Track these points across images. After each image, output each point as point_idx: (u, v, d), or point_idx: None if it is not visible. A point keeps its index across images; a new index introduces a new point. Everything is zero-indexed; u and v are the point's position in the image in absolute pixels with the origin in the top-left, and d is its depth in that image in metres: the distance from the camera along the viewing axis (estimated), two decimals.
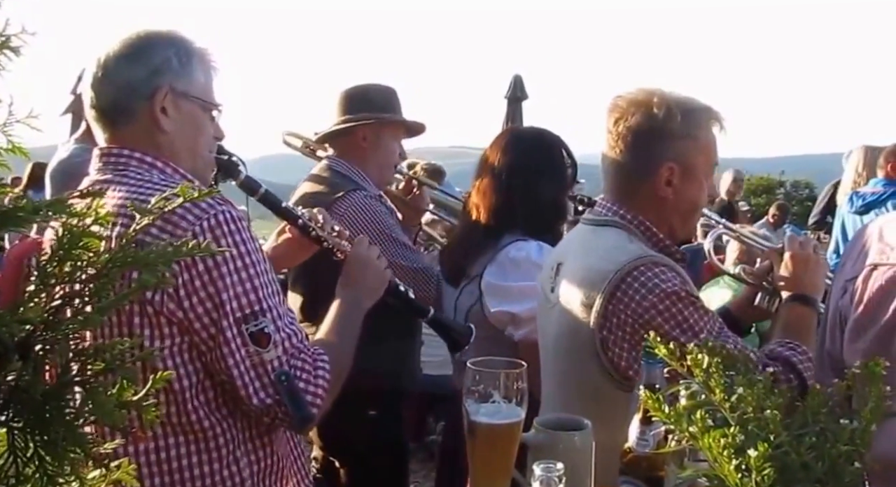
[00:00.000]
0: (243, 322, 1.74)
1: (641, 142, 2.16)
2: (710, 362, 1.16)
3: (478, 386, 1.64)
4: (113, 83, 1.87)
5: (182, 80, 1.90)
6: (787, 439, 1.08)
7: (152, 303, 1.70)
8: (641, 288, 2.04)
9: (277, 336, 1.77)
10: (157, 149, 1.88)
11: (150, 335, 1.71)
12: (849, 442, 1.09)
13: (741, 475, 1.08)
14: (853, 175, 6.71)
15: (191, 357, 1.76)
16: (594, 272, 2.14)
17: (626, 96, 2.20)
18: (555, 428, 1.72)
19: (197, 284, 1.71)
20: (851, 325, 1.77)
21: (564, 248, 2.42)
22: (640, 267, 2.06)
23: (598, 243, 2.21)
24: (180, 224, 1.70)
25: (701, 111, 2.19)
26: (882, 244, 1.77)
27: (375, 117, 3.31)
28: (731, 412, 1.13)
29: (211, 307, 1.72)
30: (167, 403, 1.74)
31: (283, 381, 1.76)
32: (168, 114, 1.88)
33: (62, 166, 3.22)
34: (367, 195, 3.20)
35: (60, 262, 0.92)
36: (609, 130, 2.20)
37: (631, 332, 2.05)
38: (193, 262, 1.70)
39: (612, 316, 2.07)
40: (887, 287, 1.72)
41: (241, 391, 1.75)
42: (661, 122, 2.13)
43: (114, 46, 1.89)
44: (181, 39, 1.93)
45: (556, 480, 1.34)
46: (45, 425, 0.88)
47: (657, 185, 2.17)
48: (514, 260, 2.80)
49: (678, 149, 2.16)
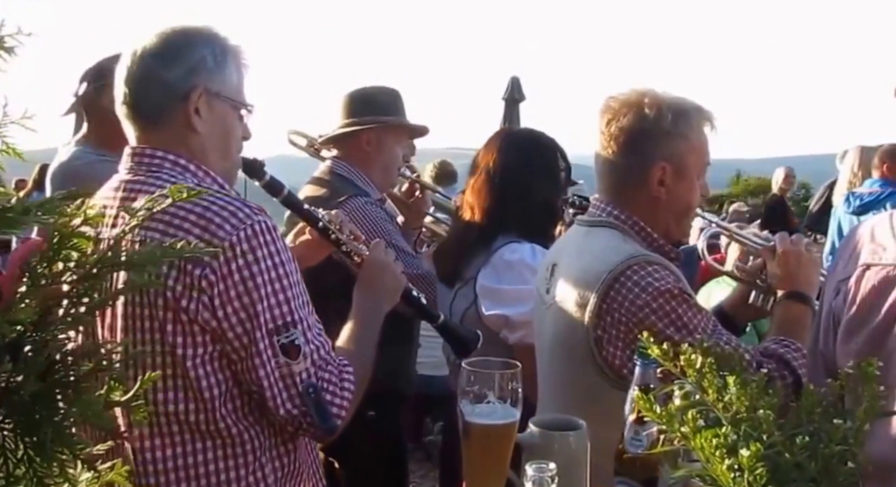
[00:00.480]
0: (275, 333, 1.74)
1: (634, 142, 2.17)
2: (703, 362, 1.16)
3: (472, 387, 1.64)
4: (147, 81, 1.85)
5: (216, 79, 1.88)
6: (780, 439, 1.08)
7: (187, 312, 1.69)
8: (635, 287, 2.05)
9: (307, 348, 1.78)
10: (188, 149, 1.87)
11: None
12: (842, 442, 1.08)
13: (734, 474, 1.08)
14: (849, 175, 6.77)
15: (221, 365, 1.75)
16: (588, 272, 2.14)
17: (617, 97, 2.22)
18: (550, 429, 1.72)
19: (232, 294, 1.70)
20: (844, 326, 1.77)
21: (559, 249, 2.42)
22: (633, 267, 2.08)
23: (592, 244, 2.22)
24: (218, 233, 1.70)
25: (692, 111, 2.20)
26: (874, 244, 1.76)
27: (379, 121, 3.32)
28: (723, 412, 1.13)
29: (245, 317, 1.72)
30: (197, 411, 1.75)
31: (310, 393, 1.77)
32: (201, 114, 1.86)
33: (62, 168, 3.22)
34: (368, 201, 3.19)
35: (51, 263, 0.92)
36: (601, 131, 2.22)
37: (625, 331, 2.05)
38: (230, 272, 1.69)
39: (606, 315, 2.08)
40: (880, 287, 1.71)
41: (270, 401, 1.76)
42: (652, 123, 2.15)
43: (149, 42, 1.86)
44: (217, 37, 1.91)
45: (548, 480, 1.34)
46: (34, 426, 0.87)
47: (650, 185, 2.19)
48: (507, 263, 2.80)
49: (670, 149, 2.18)
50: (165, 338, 1.71)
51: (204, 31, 1.91)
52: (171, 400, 1.73)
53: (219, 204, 1.73)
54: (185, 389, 1.74)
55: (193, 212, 1.71)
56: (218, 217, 1.71)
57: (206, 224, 1.70)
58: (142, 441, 1.74)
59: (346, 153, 3.38)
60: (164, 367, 1.72)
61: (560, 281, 2.25)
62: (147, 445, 1.75)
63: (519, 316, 2.74)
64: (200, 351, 1.73)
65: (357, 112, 3.35)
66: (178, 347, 1.71)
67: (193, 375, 1.73)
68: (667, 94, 2.21)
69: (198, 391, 1.74)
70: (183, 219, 1.70)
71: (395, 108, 3.39)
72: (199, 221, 1.70)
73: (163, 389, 1.73)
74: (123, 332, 1.73)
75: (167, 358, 1.72)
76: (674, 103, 2.18)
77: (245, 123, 1.98)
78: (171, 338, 1.71)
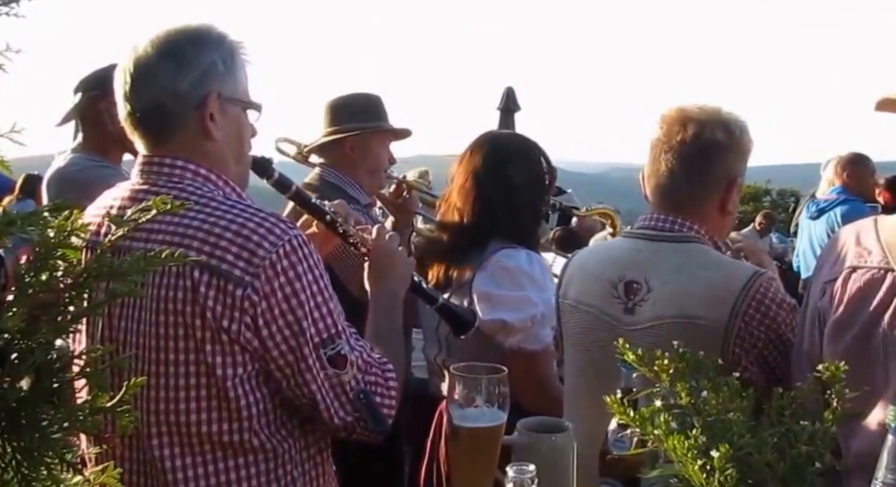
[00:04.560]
0: (321, 347, 1.72)
1: (718, 158, 2.20)
2: (676, 367, 1.19)
3: (461, 392, 1.67)
4: (155, 91, 1.78)
5: (228, 83, 1.82)
6: (750, 440, 1.11)
7: (228, 332, 1.66)
8: (772, 304, 2.07)
9: (352, 356, 1.77)
10: (204, 156, 1.81)
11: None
12: (810, 443, 1.11)
13: (706, 475, 1.11)
14: (826, 184, 7.03)
15: (258, 382, 1.73)
16: (714, 290, 2.11)
17: (688, 113, 2.21)
18: (537, 431, 1.75)
19: (276, 313, 1.67)
20: (831, 326, 1.80)
21: (630, 267, 2.27)
22: (763, 284, 2.09)
23: (696, 260, 2.18)
24: (257, 252, 1.66)
25: (748, 127, 2.26)
26: (860, 248, 1.80)
27: (360, 128, 3.38)
28: (696, 415, 1.16)
29: (290, 334, 1.69)
30: (231, 430, 1.73)
31: (361, 399, 1.76)
32: (216, 121, 1.80)
33: (58, 175, 3.26)
34: (355, 207, 3.23)
35: (37, 273, 0.95)
36: (672, 146, 2.20)
37: (762, 347, 2.07)
38: (272, 291, 1.66)
39: (745, 333, 2.06)
40: (865, 288, 1.75)
41: (324, 413, 1.75)
42: (736, 140, 2.20)
43: (153, 48, 1.78)
44: (223, 38, 1.84)
45: (528, 481, 1.36)
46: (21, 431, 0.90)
47: (727, 201, 2.23)
48: (505, 269, 2.79)
49: (743, 165, 2.25)
50: (204, 358, 1.67)
51: (210, 33, 1.84)
52: (206, 421, 1.71)
53: (254, 221, 1.70)
54: (222, 409, 1.71)
55: (229, 229, 1.68)
56: (255, 235, 1.67)
57: (243, 242, 1.66)
58: (173, 461, 1.72)
59: (332, 160, 3.44)
60: (201, 388, 1.69)
61: (663, 300, 2.17)
62: (178, 464, 1.72)
63: (518, 322, 2.73)
64: (240, 370, 1.70)
65: (339, 119, 3.42)
66: (218, 367, 1.68)
67: (233, 395, 1.70)
68: (724, 109, 2.24)
69: (236, 410, 1.71)
70: (219, 236, 1.67)
71: (377, 113, 3.44)
72: (236, 239, 1.66)
73: (196, 410, 1.70)
74: (156, 352, 1.69)
75: (204, 379, 1.69)
76: (742, 120, 2.23)
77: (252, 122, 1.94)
78: (211, 359, 1.67)
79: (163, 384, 1.69)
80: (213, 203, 1.74)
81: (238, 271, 1.65)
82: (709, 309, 2.08)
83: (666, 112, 2.26)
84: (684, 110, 2.22)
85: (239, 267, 1.65)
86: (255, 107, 1.91)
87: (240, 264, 1.65)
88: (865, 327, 1.74)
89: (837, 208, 6.62)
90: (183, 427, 1.71)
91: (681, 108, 2.23)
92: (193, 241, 1.66)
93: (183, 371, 1.68)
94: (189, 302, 1.65)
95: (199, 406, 1.70)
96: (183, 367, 1.68)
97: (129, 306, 1.73)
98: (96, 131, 3.27)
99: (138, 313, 1.71)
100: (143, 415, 1.70)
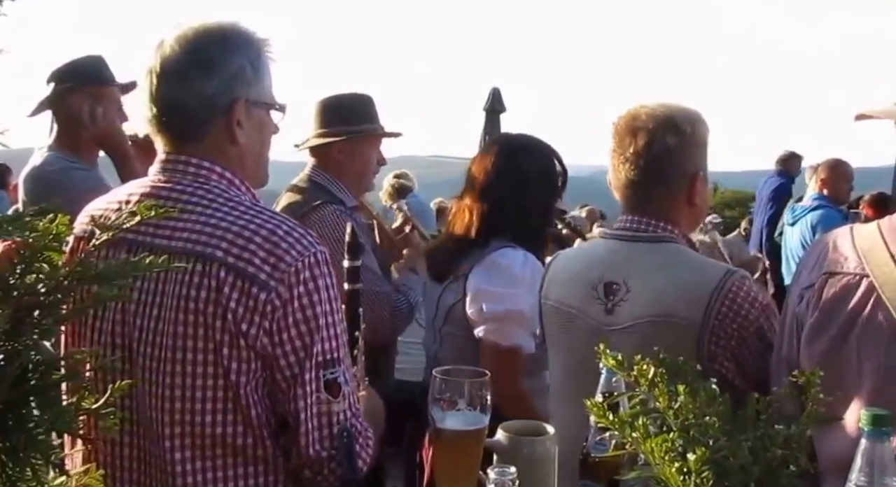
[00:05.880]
0: (323, 367, 1.70)
1: (677, 157, 2.22)
2: (654, 372, 1.21)
3: (444, 395, 1.68)
4: (182, 94, 1.75)
5: (255, 88, 1.81)
6: (726, 444, 1.13)
7: (246, 337, 1.65)
8: (745, 302, 2.10)
9: (346, 388, 1.73)
10: (226, 158, 1.80)
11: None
12: (784, 447, 1.13)
13: (683, 477, 1.13)
14: (810, 191, 7.16)
15: (265, 391, 1.72)
16: (689, 288, 2.14)
17: (641, 116, 2.24)
18: (519, 434, 1.76)
19: (290, 321, 1.66)
20: (807, 331, 1.84)
21: (609, 268, 2.29)
22: (736, 281, 2.12)
23: (671, 259, 2.21)
24: (284, 258, 1.66)
25: (702, 117, 2.29)
26: (836, 254, 1.84)
27: (349, 132, 3.37)
28: (674, 418, 1.18)
29: (300, 346, 1.68)
30: (245, 434, 1.71)
31: (344, 437, 1.71)
32: (242, 125, 1.79)
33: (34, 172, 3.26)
34: (337, 210, 3.24)
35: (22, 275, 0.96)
36: (636, 151, 2.22)
37: (736, 344, 2.09)
38: (291, 298, 1.66)
39: (719, 330, 2.09)
40: (841, 293, 1.78)
41: (302, 437, 1.70)
42: (689, 136, 2.22)
43: (177, 49, 1.74)
44: (251, 39, 1.82)
45: (510, 483, 1.37)
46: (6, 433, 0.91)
47: (692, 196, 2.26)
48: (498, 265, 2.85)
49: (703, 158, 2.28)
50: (221, 361, 1.66)
51: (238, 34, 1.81)
52: (220, 423, 1.69)
53: (283, 228, 1.70)
54: (236, 412, 1.69)
55: (259, 234, 1.67)
56: (284, 242, 1.67)
57: (271, 248, 1.66)
58: (183, 464, 1.69)
59: (321, 161, 3.45)
60: (217, 389, 1.67)
61: (641, 300, 2.20)
62: (189, 468, 1.69)
63: (491, 313, 2.80)
64: (252, 376, 1.68)
65: (328, 121, 3.41)
66: (233, 372, 1.66)
67: (245, 402, 1.68)
68: (677, 104, 2.27)
69: (248, 417, 1.69)
70: (248, 240, 1.67)
71: (367, 116, 3.44)
72: (265, 244, 1.66)
73: (211, 411, 1.68)
74: (173, 351, 1.67)
75: (221, 381, 1.67)
76: (692, 113, 2.26)
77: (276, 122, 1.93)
78: (227, 363, 1.66)
79: (178, 383, 1.67)
80: (241, 206, 1.74)
81: (263, 275, 1.65)
82: (685, 307, 2.11)
83: (616, 120, 2.29)
84: (634, 117, 2.25)
85: (265, 271, 1.65)
86: (279, 108, 1.90)
87: (265, 268, 1.65)
88: (840, 331, 1.77)
89: (809, 215, 6.74)
90: (197, 428, 1.68)
91: (631, 115, 2.26)
92: (222, 242, 1.66)
93: (200, 371, 1.66)
94: (212, 302, 1.64)
95: (215, 408, 1.68)
96: (201, 368, 1.66)
97: (147, 304, 1.70)
98: (68, 127, 3.27)
99: (157, 311, 1.69)
100: (158, 415, 1.68)
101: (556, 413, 2.41)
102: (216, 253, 1.64)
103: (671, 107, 2.25)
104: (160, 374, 1.68)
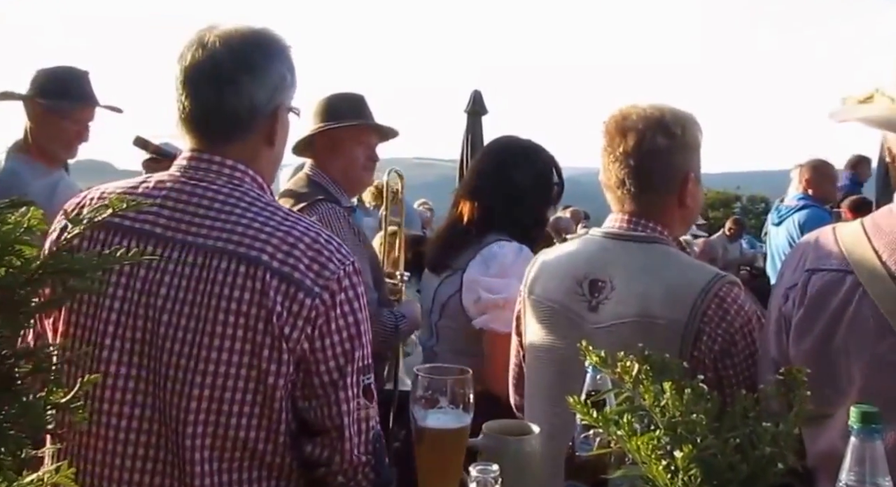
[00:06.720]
0: (362, 373, 1.74)
1: (668, 158, 2.22)
2: (640, 369, 1.19)
3: (426, 393, 1.67)
4: (231, 99, 1.76)
5: (291, 94, 1.86)
6: (714, 441, 1.11)
7: (288, 340, 1.65)
8: (730, 309, 2.08)
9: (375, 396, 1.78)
10: (257, 162, 1.82)
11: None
12: (772, 444, 1.12)
13: (670, 475, 1.11)
14: (794, 191, 7.20)
15: (292, 400, 1.72)
16: (674, 290, 2.12)
17: (631, 117, 2.23)
18: (503, 434, 1.75)
19: (333, 327, 1.69)
20: (794, 329, 1.83)
21: (596, 265, 2.28)
22: (724, 287, 2.10)
23: (658, 260, 2.20)
24: (328, 265, 1.69)
25: (694, 119, 2.28)
26: (819, 251, 1.83)
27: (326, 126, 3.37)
28: (660, 416, 1.16)
29: (340, 352, 1.70)
30: (267, 440, 1.70)
31: (377, 443, 1.76)
32: (277, 129, 1.84)
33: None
34: (332, 208, 3.22)
35: None
36: (626, 152, 2.22)
37: (718, 351, 2.07)
38: (334, 305, 1.68)
39: (702, 334, 2.07)
40: (825, 290, 1.78)
41: (347, 442, 1.72)
42: (680, 138, 2.22)
43: (222, 49, 1.75)
44: (284, 46, 1.84)
45: (492, 481, 1.35)
46: None
47: (683, 198, 2.26)
48: (493, 255, 2.94)
49: (695, 160, 2.27)
50: (259, 363, 1.65)
51: (275, 41, 1.83)
52: (244, 426, 1.67)
53: (323, 237, 1.73)
54: (264, 416, 1.68)
55: (303, 241, 1.69)
56: (325, 250, 1.71)
57: (314, 255, 1.69)
58: (202, 465, 1.67)
59: (315, 160, 3.45)
60: (248, 392, 1.66)
61: (625, 299, 2.18)
62: (207, 469, 1.67)
63: (489, 300, 2.87)
64: (287, 379, 1.68)
65: (318, 120, 3.43)
66: (271, 375, 1.66)
67: (277, 406, 1.68)
68: (669, 106, 2.26)
69: (275, 421, 1.69)
70: (292, 246, 1.68)
71: (356, 113, 3.43)
72: (308, 252, 1.69)
73: (238, 414, 1.67)
74: (208, 351, 1.64)
75: (252, 384, 1.66)
76: (684, 115, 2.25)
77: None
78: (266, 365, 1.65)
79: (209, 383, 1.64)
80: (280, 212, 1.75)
81: (309, 281, 1.66)
82: (669, 309, 2.10)
83: (607, 119, 2.29)
84: (625, 117, 2.25)
85: (310, 278, 1.67)
86: (296, 111, 1.93)
87: (310, 275, 1.67)
88: (826, 328, 1.76)
89: (796, 214, 6.78)
90: (220, 429, 1.66)
91: (622, 114, 2.26)
92: (267, 246, 1.67)
93: (234, 372, 1.64)
94: (255, 304, 1.64)
95: (241, 411, 1.66)
96: (234, 368, 1.64)
97: (177, 301, 1.67)
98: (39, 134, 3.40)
99: (189, 308, 1.66)
100: (182, 414, 1.65)
101: (531, 407, 2.42)
102: (262, 256, 1.66)
103: (663, 108, 2.25)
104: (188, 372, 1.65)
